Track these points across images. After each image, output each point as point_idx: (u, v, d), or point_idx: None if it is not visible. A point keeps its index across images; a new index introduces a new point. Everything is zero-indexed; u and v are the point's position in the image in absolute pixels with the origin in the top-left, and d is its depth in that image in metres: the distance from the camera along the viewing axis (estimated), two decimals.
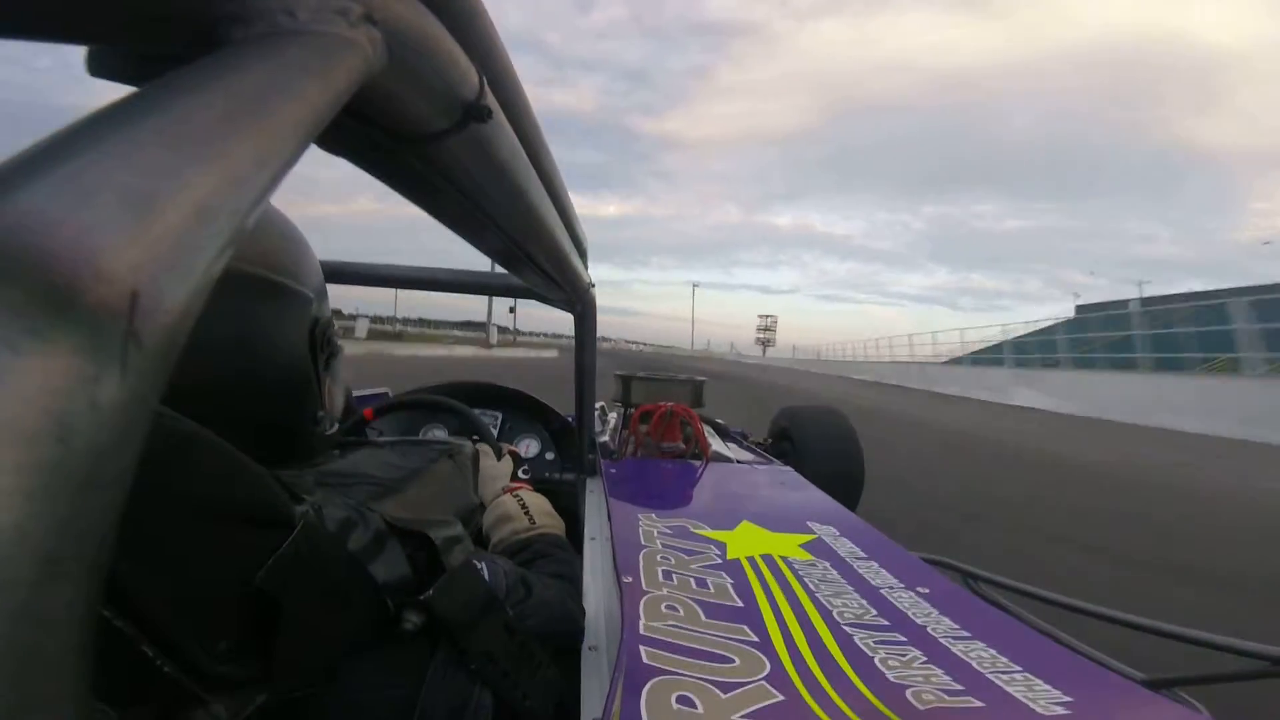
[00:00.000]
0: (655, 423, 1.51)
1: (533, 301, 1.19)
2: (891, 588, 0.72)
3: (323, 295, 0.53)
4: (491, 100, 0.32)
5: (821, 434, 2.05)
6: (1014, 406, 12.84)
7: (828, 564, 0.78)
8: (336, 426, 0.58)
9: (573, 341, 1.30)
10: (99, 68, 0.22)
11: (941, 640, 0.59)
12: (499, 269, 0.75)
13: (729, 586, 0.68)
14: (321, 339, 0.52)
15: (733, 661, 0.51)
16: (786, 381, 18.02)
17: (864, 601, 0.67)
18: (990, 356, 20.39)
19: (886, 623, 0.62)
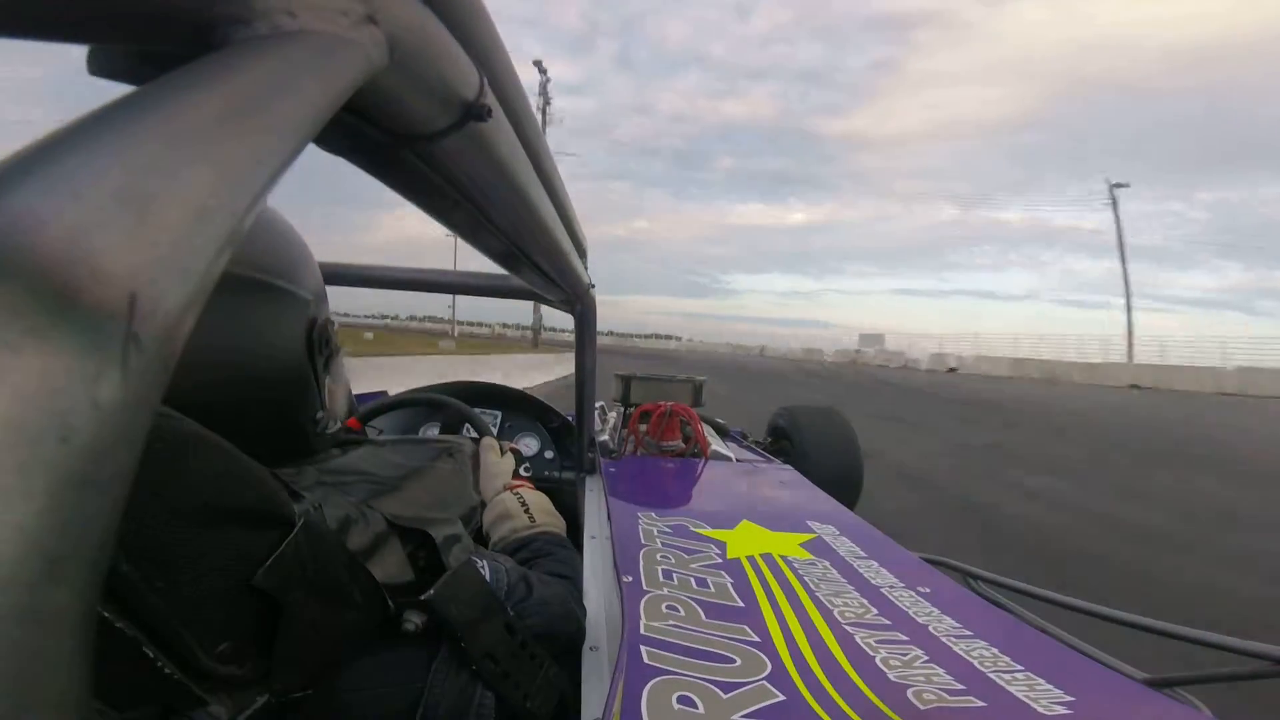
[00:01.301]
0: (655, 422, 1.51)
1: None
2: (892, 587, 0.72)
3: (321, 297, 0.54)
4: (491, 100, 0.32)
5: (820, 434, 2.05)
6: None
7: (828, 563, 0.78)
8: (338, 425, 0.58)
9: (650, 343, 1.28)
10: (99, 67, 0.22)
11: (943, 639, 0.59)
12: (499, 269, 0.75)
13: (729, 586, 0.68)
14: (320, 340, 0.52)
15: (734, 661, 0.51)
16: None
17: (865, 601, 0.67)
18: None
19: (887, 622, 0.62)
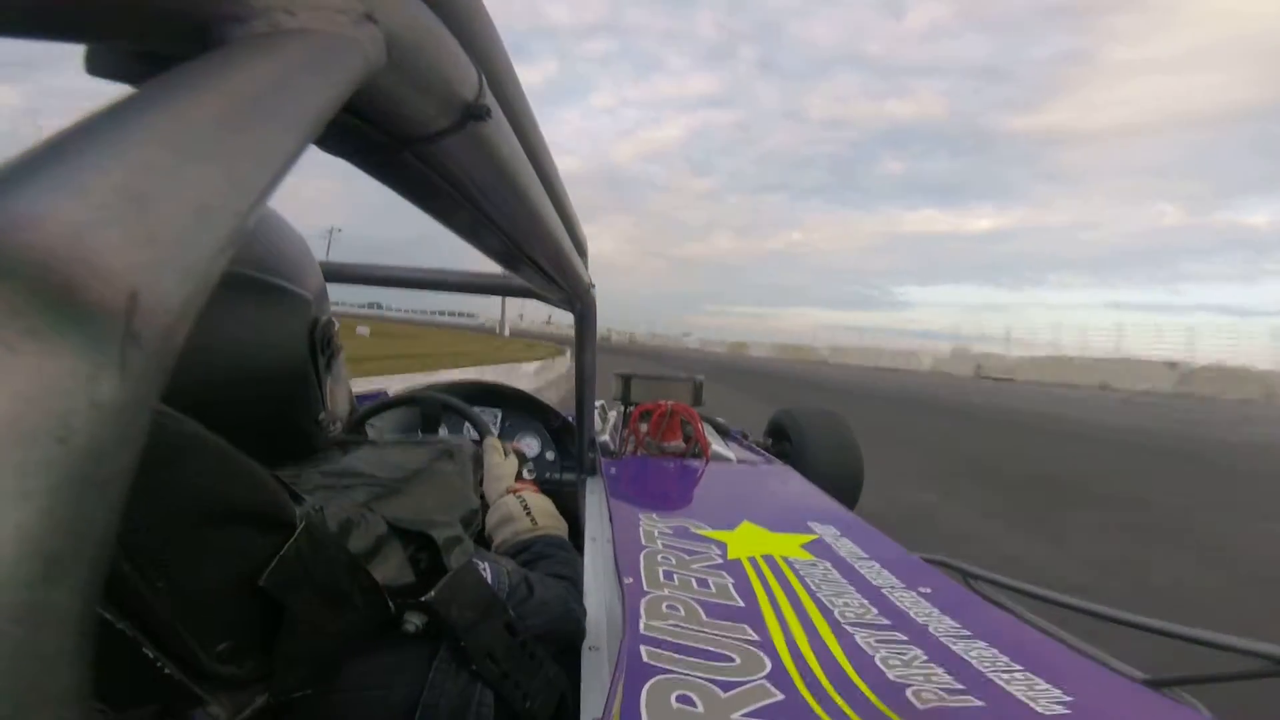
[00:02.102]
0: (655, 422, 1.51)
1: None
2: (892, 587, 0.72)
3: (322, 296, 0.54)
4: (491, 100, 0.32)
5: (820, 435, 2.05)
6: None
7: (828, 564, 0.78)
8: (339, 426, 0.58)
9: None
10: (98, 66, 0.22)
11: (942, 639, 0.59)
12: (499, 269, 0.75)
13: (730, 586, 0.68)
14: (322, 340, 0.52)
15: (733, 660, 0.51)
16: None
17: (865, 601, 0.67)
18: None
19: (887, 622, 0.62)
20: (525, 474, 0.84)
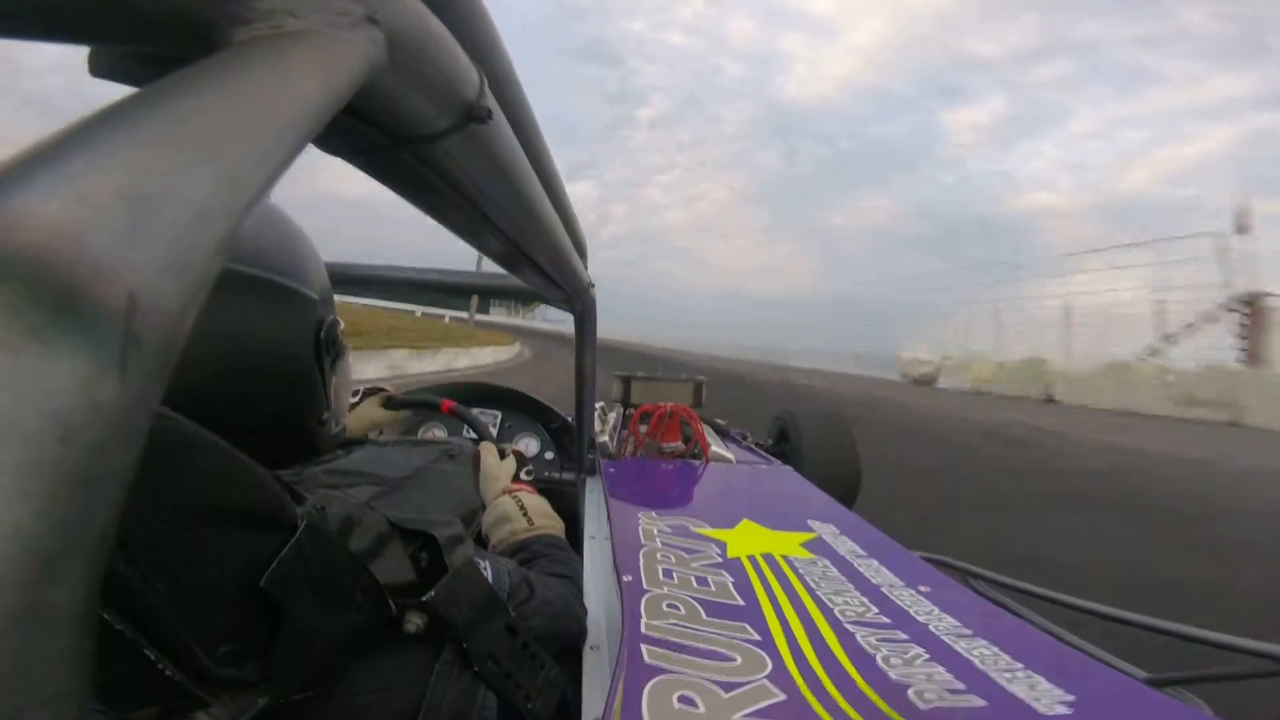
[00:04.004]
0: (655, 423, 1.51)
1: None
2: (892, 586, 0.72)
3: (328, 296, 0.54)
4: (491, 100, 0.32)
5: (821, 435, 2.05)
6: None
7: (828, 562, 0.78)
8: (341, 425, 0.58)
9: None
10: (100, 68, 0.22)
11: (943, 638, 0.59)
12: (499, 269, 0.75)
13: (730, 585, 0.68)
14: (327, 340, 0.52)
15: (734, 660, 0.51)
16: None
17: (865, 600, 0.67)
18: None
19: (888, 621, 0.62)
20: (523, 476, 0.84)
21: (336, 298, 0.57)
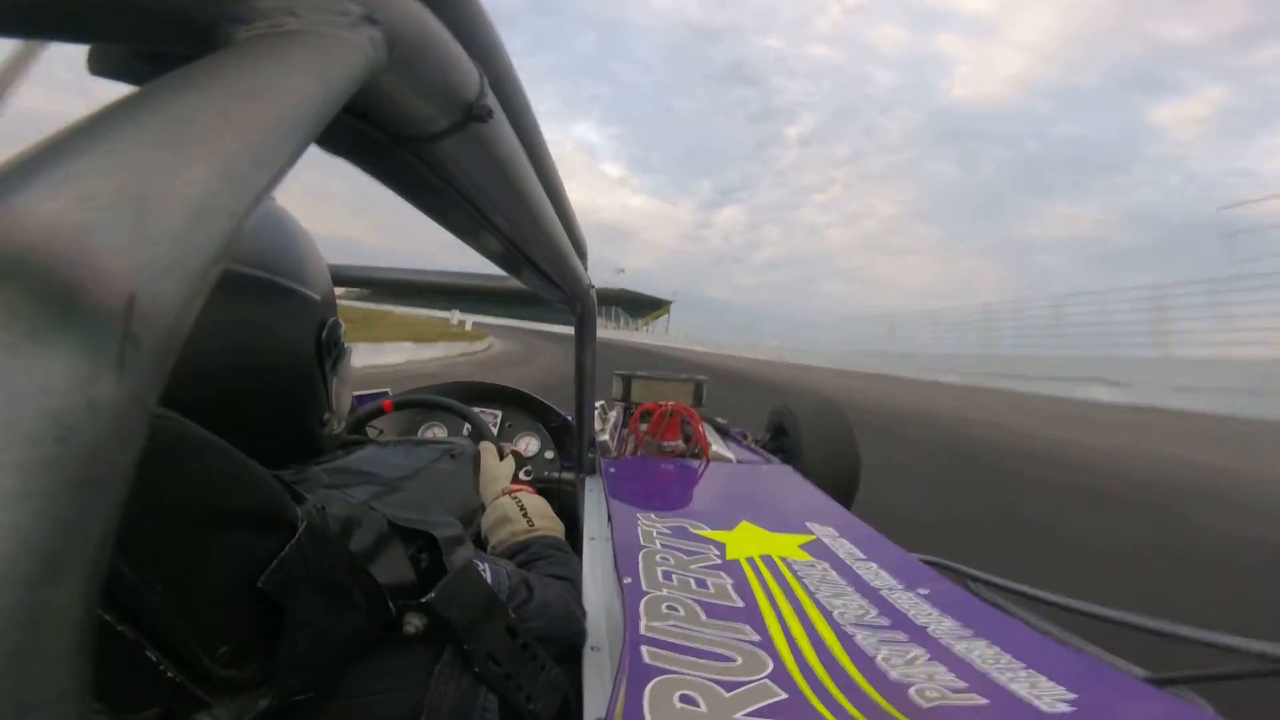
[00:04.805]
0: (655, 422, 1.51)
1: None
2: (891, 589, 0.72)
3: (330, 297, 0.54)
4: (492, 100, 0.32)
5: (818, 427, 2.05)
6: None
7: (827, 565, 0.78)
8: (342, 426, 0.58)
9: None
10: (99, 67, 0.22)
11: (943, 639, 0.59)
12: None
13: (729, 587, 0.68)
14: (329, 341, 0.52)
15: (735, 660, 0.51)
16: None
17: (864, 602, 0.67)
18: None
19: (888, 622, 0.62)
20: (522, 476, 0.84)
21: (382, 305, 0.57)
